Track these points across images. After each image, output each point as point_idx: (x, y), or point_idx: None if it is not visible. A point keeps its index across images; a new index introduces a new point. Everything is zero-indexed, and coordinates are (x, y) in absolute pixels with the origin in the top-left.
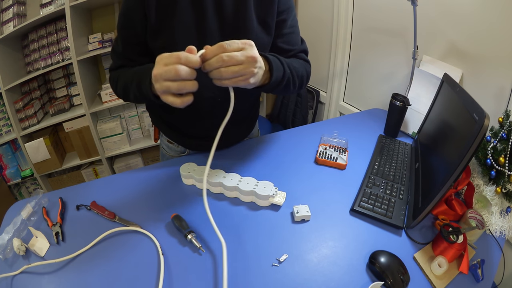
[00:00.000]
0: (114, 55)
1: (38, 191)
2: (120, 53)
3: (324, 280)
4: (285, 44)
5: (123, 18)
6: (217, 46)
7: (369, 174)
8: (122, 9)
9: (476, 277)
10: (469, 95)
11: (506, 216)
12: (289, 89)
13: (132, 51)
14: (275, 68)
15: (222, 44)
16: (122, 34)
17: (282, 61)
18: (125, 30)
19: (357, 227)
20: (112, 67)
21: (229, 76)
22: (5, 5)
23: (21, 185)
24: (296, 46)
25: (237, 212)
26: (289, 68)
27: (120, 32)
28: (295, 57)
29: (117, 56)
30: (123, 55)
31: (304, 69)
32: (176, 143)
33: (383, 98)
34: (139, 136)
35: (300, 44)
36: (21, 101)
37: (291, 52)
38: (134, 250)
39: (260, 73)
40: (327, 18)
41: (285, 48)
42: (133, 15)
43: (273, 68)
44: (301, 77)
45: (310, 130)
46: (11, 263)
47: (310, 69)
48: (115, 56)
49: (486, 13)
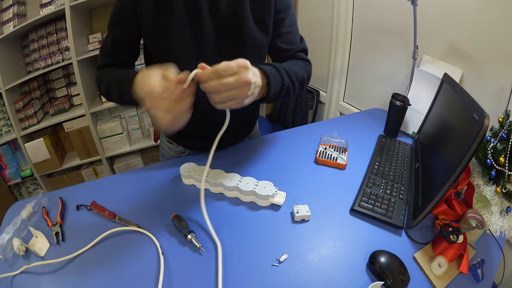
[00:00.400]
0: (102, 54)
1: (38, 191)
2: (109, 52)
3: (324, 280)
4: (284, 44)
5: (115, 17)
6: (212, 72)
7: (369, 174)
8: (114, 8)
9: (476, 277)
10: (469, 95)
11: (506, 216)
12: (289, 95)
13: (120, 50)
14: (272, 82)
15: (217, 70)
16: (112, 33)
17: (280, 71)
18: (116, 30)
19: (357, 227)
20: (99, 65)
21: (221, 101)
22: (5, 5)
23: (21, 185)
24: (295, 46)
25: (237, 212)
26: (288, 76)
27: (111, 31)
28: (294, 56)
29: (105, 54)
30: (112, 53)
31: (305, 71)
32: (176, 143)
33: (383, 98)
34: (139, 136)
35: (300, 43)
36: (21, 101)
37: (290, 51)
38: (134, 250)
39: (255, 92)
40: (327, 18)
41: (284, 48)
42: (125, 15)
43: (271, 82)
44: (302, 80)
45: (310, 130)
46: (11, 263)
47: (310, 68)
48: (103, 55)
49: (486, 13)
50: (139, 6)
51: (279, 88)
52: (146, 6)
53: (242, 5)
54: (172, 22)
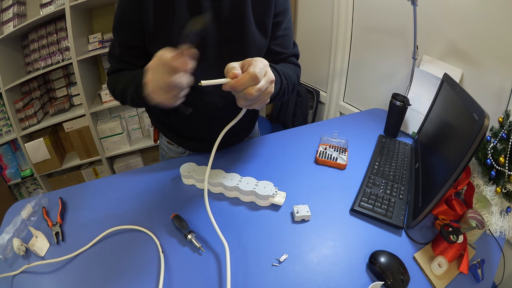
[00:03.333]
0: (111, 59)
1: (38, 191)
2: (117, 57)
3: (324, 280)
4: (277, 47)
5: (119, 23)
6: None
7: (369, 174)
8: (117, 13)
9: (476, 277)
10: (469, 95)
11: (506, 216)
12: (283, 98)
13: (129, 54)
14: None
15: (255, 75)
16: (118, 38)
17: (279, 72)
18: (122, 35)
19: (357, 227)
20: (110, 71)
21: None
22: (5, 5)
23: (21, 185)
24: (288, 50)
25: (237, 212)
26: (285, 78)
27: (116, 36)
28: (286, 60)
29: (114, 60)
30: (121, 59)
31: (296, 75)
32: (176, 144)
33: (383, 98)
34: (139, 136)
35: (292, 48)
36: (21, 101)
37: (283, 55)
38: (134, 250)
39: None
40: (327, 18)
41: (277, 51)
42: (129, 19)
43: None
44: (294, 83)
45: (310, 130)
46: (11, 263)
47: (300, 73)
48: (113, 60)
49: (486, 13)
50: (144, 9)
51: (278, 88)
52: (148, 9)
53: (244, 7)
54: (174, 25)
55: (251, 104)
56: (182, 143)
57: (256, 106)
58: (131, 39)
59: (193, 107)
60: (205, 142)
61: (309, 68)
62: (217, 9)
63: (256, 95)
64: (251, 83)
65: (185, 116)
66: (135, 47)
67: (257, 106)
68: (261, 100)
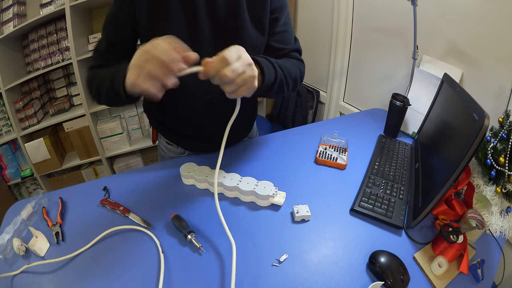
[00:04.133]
0: (96, 55)
1: (38, 191)
2: (103, 53)
3: (324, 280)
4: (277, 43)
5: (111, 20)
6: (220, 60)
7: (369, 174)
8: (110, 10)
9: (476, 277)
10: (469, 95)
11: (506, 216)
12: (283, 91)
13: (115, 52)
14: (266, 71)
15: (224, 57)
16: (107, 36)
17: (273, 63)
18: (112, 32)
19: (357, 227)
20: (91, 65)
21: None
22: (5, 5)
23: (21, 185)
24: (289, 45)
25: (237, 212)
26: (281, 70)
27: (106, 33)
28: (288, 56)
29: (99, 55)
30: (106, 55)
31: (298, 69)
32: (175, 145)
33: (383, 98)
34: (139, 136)
35: (293, 43)
36: (21, 101)
37: (283, 51)
38: (134, 249)
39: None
40: (327, 18)
41: (277, 47)
42: (122, 18)
43: (265, 71)
44: (295, 77)
45: (310, 130)
46: (11, 263)
47: (304, 68)
48: (98, 56)
49: (486, 13)
50: (137, 8)
51: (273, 78)
52: (142, 8)
53: (239, 5)
54: (168, 24)
55: (237, 89)
56: (181, 143)
57: (244, 92)
58: (120, 38)
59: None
60: (205, 141)
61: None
62: (212, 7)
63: (232, 75)
64: (222, 65)
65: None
66: (123, 46)
67: (245, 91)
68: (246, 84)
